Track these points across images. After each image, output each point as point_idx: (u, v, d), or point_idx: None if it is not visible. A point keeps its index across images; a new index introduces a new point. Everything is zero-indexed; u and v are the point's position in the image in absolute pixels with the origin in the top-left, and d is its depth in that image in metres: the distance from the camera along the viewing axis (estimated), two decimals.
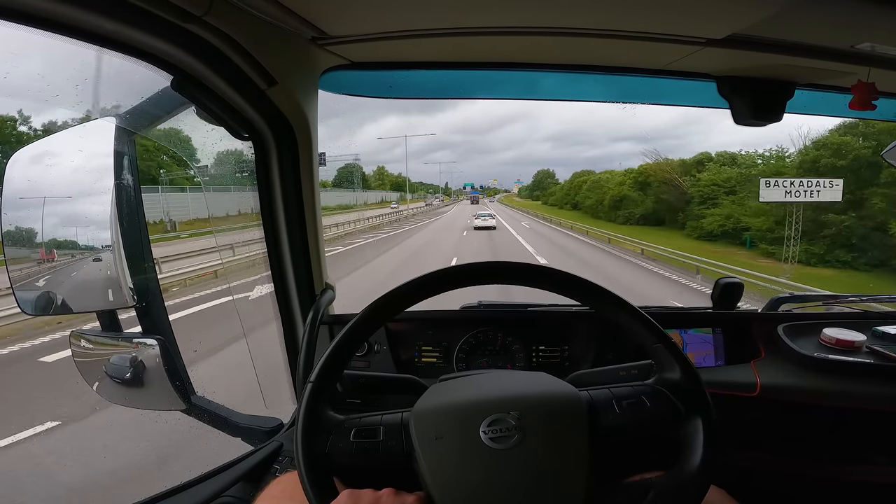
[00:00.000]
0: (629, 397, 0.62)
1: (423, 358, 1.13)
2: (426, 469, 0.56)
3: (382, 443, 0.60)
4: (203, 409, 0.91)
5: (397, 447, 0.60)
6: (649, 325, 0.63)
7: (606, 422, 0.60)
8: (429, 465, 0.56)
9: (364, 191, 54.50)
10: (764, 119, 1.05)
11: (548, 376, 0.68)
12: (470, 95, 1.22)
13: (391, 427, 0.61)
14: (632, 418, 0.60)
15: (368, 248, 15.15)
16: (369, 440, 0.60)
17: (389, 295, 0.64)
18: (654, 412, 0.60)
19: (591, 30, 0.85)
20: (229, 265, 5.61)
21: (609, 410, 0.61)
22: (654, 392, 0.62)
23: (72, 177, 0.81)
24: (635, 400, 0.61)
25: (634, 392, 0.62)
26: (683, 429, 0.59)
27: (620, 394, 0.62)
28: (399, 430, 0.61)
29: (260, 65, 0.78)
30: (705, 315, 1.16)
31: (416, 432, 0.59)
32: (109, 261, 0.79)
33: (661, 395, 0.61)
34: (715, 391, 0.61)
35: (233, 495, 0.79)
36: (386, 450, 0.60)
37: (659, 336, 0.63)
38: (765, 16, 0.74)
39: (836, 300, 1.24)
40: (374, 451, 0.60)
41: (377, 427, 0.61)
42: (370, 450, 0.60)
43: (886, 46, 0.81)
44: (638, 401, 0.61)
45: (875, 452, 1.02)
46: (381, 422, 0.62)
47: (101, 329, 0.87)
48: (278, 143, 0.94)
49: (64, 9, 0.55)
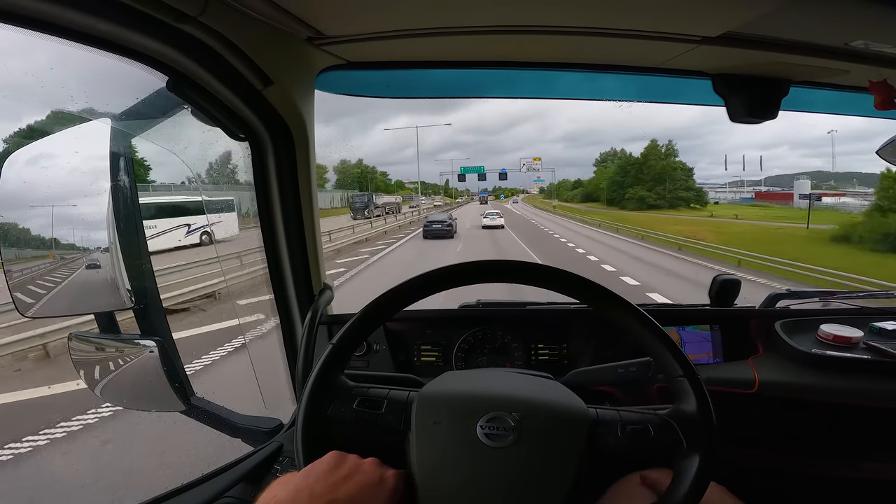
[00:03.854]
0: (635, 423, 0.60)
1: (423, 357, 1.13)
2: (416, 449, 0.57)
3: (383, 415, 0.61)
4: (202, 410, 0.91)
5: (395, 423, 0.61)
6: (678, 356, 0.61)
7: (605, 443, 0.59)
8: (419, 447, 0.58)
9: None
10: (759, 116, 1.05)
11: (561, 387, 0.68)
12: (466, 94, 1.22)
13: (395, 403, 0.63)
14: (631, 443, 0.59)
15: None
16: (371, 411, 0.62)
17: (397, 289, 0.65)
18: (656, 442, 0.59)
19: (585, 28, 0.85)
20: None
21: (611, 433, 0.60)
22: (663, 423, 0.60)
23: (68, 178, 0.80)
24: (641, 427, 0.60)
25: (642, 420, 0.61)
26: (679, 462, 0.58)
27: (628, 418, 0.61)
28: (401, 408, 0.62)
29: (256, 65, 0.78)
30: (703, 312, 1.16)
31: (417, 412, 0.61)
32: (107, 262, 0.79)
33: (668, 428, 0.60)
34: (713, 388, 0.60)
35: (233, 496, 0.78)
36: (384, 423, 0.61)
37: (685, 369, 0.60)
38: (759, 14, 0.74)
39: (833, 296, 1.25)
40: (373, 423, 0.61)
41: (382, 400, 0.63)
42: (369, 420, 0.61)
43: (880, 44, 0.82)
44: (643, 428, 0.60)
45: (873, 448, 1.03)
46: (387, 395, 0.63)
47: (99, 331, 0.87)
48: (275, 144, 0.94)
49: (57, 10, 0.54)
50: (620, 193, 42.21)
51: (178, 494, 0.77)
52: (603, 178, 50.01)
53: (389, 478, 0.56)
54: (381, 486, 0.55)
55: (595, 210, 39.76)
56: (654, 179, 39.63)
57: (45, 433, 3.29)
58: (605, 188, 47.16)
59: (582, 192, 57.08)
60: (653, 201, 38.52)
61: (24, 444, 3.16)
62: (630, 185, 41.46)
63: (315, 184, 1.04)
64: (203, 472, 0.81)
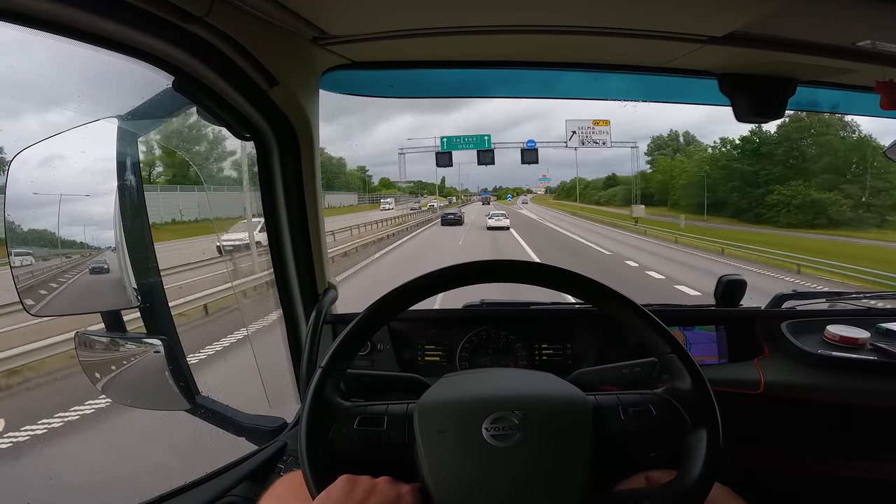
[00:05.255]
0: (636, 405, 0.61)
1: (426, 357, 1.13)
2: (425, 461, 0.57)
3: (385, 432, 0.61)
4: (207, 409, 0.92)
5: (399, 437, 0.60)
6: (664, 333, 0.62)
7: (610, 428, 0.59)
8: (428, 458, 0.57)
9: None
10: (765, 116, 1.05)
11: (555, 378, 0.67)
12: (470, 94, 1.23)
13: (395, 417, 0.62)
14: (636, 426, 0.60)
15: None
16: (372, 429, 0.61)
17: (401, 288, 0.65)
18: (660, 421, 0.60)
19: (591, 28, 0.85)
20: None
21: (614, 417, 0.60)
22: (662, 402, 0.61)
23: (75, 177, 0.81)
24: (642, 408, 0.61)
25: (642, 400, 0.61)
26: (686, 439, 0.58)
27: (627, 401, 0.61)
28: (403, 421, 0.61)
29: (261, 65, 0.78)
30: (708, 313, 1.15)
31: (420, 424, 0.60)
32: (113, 261, 0.79)
33: (668, 405, 0.60)
34: (718, 389, 0.60)
35: (237, 495, 0.79)
36: (388, 440, 0.60)
37: (673, 346, 0.61)
38: (765, 13, 0.74)
39: (839, 297, 1.24)
40: (376, 440, 0.60)
41: (382, 416, 0.62)
42: (372, 438, 0.60)
43: (888, 43, 0.81)
44: (644, 409, 0.60)
45: (879, 449, 1.02)
46: (386, 411, 0.62)
47: (105, 330, 0.87)
48: (280, 144, 0.94)
49: (65, 10, 0.55)
50: (746, 195, 23.33)
51: (182, 493, 0.78)
52: (673, 173, 31.92)
53: (405, 494, 0.55)
54: (399, 503, 0.55)
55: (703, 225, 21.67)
56: (834, 170, 20.61)
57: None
58: (682, 187, 29.78)
59: (632, 192, 33.76)
60: (842, 212, 19.01)
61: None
62: (773, 179, 22.47)
63: (319, 183, 1.05)
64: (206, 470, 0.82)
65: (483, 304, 1.24)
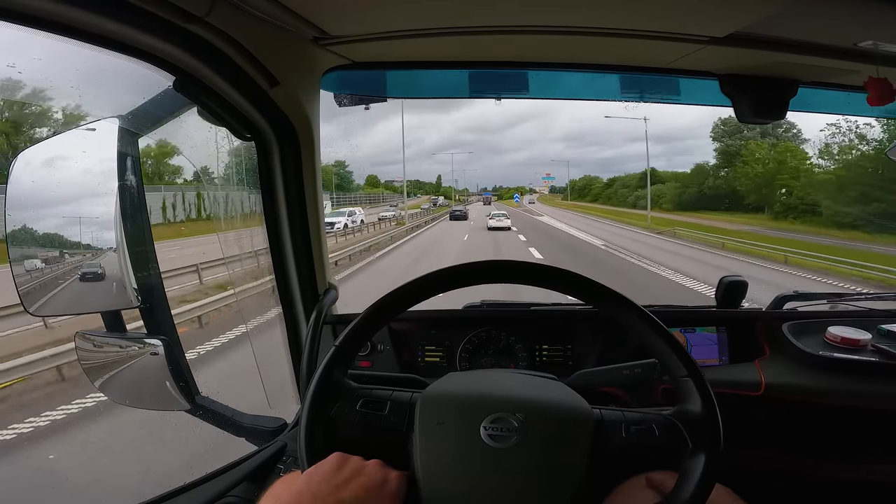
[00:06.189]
0: (639, 423, 0.60)
1: (427, 357, 1.13)
2: (419, 451, 0.57)
3: (386, 417, 0.61)
4: (207, 409, 0.91)
5: (399, 424, 0.61)
6: (684, 357, 0.60)
7: (610, 443, 0.59)
8: (423, 448, 0.58)
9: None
10: (767, 117, 1.04)
11: (563, 386, 0.67)
12: (470, 94, 1.22)
13: (398, 404, 0.63)
14: (637, 444, 0.59)
15: None
16: (374, 412, 0.62)
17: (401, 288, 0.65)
18: (661, 442, 0.59)
19: (592, 28, 0.85)
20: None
21: (616, 433, 0.59)
22: (667, 423, 0.60)
23: (76, 178, 0.81)
24: (645, 427, 0.60)
25: (646, 419, 0.60)
26: (683, 462, 0.57)
27: (632, 419, 0.60)
28: (405, 409, 0.62)
29: (262, 65, 0.78)
30: (710, 314, 1.15)
31: (420, 413, 0.60)
32: (113, 262, 0.79)
33: (673, 428, 0.59)
34: (719, 390, 0.60)
35: (237, 495, 0.79)
36: (388, 424, 0.61)
37: (690, 370, 0.60)
38: (767, 14, 0.73)
39: (840, 298, 1.23)
40: (376, 424, 0.61)
41: (385, 401, 0.63)
42: (372, 421, 0.61)
43: (889, 44, 0.81)
44: (647, 428, 0.60)
45: (881, 451, 1.02)
46: (390, 396, 0.63)
47: (105, 330, 0.87)
48: (280, 144, 0.94)
49: (66, 10, 0.55)
50: None
51: (181, 493, 0.78)
52: (789, 167, 21.07)
53: (393, 479, 0.56)
54: (385, 487, 0.55)
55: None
56: None
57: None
58: (828, 192, 18.70)
59: (685, 194, 27.24)
60: None
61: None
62: None
63: (320, 183, 1.04)
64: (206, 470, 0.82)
65: (483, 304, 1.23)
